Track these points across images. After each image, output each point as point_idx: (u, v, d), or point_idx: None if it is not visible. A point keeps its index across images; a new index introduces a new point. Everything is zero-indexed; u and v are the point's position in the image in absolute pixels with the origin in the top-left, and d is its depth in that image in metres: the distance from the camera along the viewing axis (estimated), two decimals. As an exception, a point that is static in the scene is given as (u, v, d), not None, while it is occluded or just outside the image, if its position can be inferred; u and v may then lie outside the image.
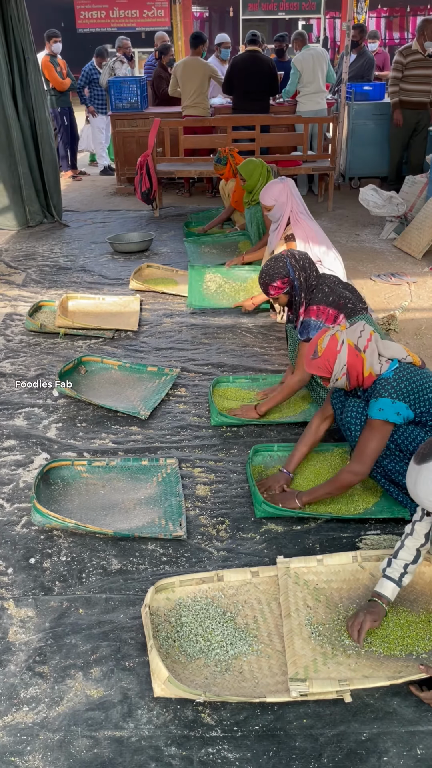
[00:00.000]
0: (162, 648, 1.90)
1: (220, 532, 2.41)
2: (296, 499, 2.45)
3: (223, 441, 2.96)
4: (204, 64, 7.46)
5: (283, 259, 2.92)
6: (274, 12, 19.48)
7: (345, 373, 2.29)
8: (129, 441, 2.96)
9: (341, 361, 2.28)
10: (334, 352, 2.29)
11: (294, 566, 2.10)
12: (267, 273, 2.92)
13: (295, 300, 2.92)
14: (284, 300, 2.97)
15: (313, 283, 2.92)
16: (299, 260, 2.93)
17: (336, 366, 2.29)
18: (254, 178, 4.82)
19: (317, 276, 2.96)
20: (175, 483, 2.65)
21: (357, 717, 1.72)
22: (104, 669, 1.87)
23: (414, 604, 2.02)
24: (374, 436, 2.25)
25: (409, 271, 5.11)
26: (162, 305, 4.51)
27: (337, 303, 2.87)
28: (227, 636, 1.94)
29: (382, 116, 7.58)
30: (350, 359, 2.27)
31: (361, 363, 2.27)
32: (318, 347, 2.32)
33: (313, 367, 2.35)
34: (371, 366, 2.27)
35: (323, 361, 2.30)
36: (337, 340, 2.29)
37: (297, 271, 2.89)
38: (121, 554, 2.30)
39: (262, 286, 2.96)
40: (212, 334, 4.05)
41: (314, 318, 2.87)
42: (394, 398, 2.20)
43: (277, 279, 2.89)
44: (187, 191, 7.92)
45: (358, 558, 2.14)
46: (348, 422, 2.37)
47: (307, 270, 2.93)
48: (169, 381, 3.42)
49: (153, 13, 18.48)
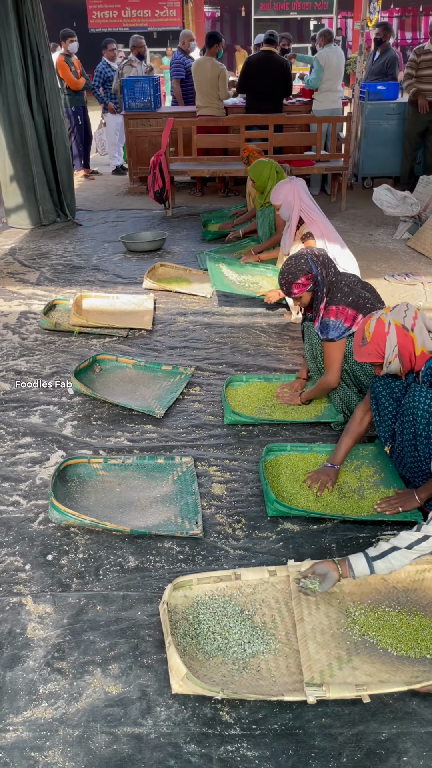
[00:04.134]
0: (180, 645, 1.90)
1: (236, 530, 2.41)
2: (416, 497, 2.38)
3: (238, 440, 2.96)
4: (215, 64, 7.45)
5: (304, 256, 2.91)
6: (286, 12, 19.50)
7: (397, 354, 2.25)
8: (144, 439, 2.96)
9: (391, 342, 2.24)
10: (383, 335, 2.25)
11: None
12: (289, 271, 2.90)
13: (317, 296, 2.90)
14: (307, 298, 2.95)
15: (332, 279, 2.90)
16: (319, 257, 2.91)
17: (387, 348, 2.25)
18: (263, 178, 4.82)
19: (336, 273, 2.95)
20: (190, 481, 2.65)
21: (376, 717, 1.72)
22: (122, 666, 1.87)
23: (427, 608, 2.01)
24: None
25: (423, 271, 5.09)
26: (176, 304, 4.52)
27: (356, 303, 2.86)
28: (245, 634, 1.94)
29: (396, 116, 7.57)
30: (400, 339, 2.24)
31: (411, 342, 2.24)
32: (365, 333, 2.28)
33: (364, 355, 2.30)
34: (423, 344, 2.24)
35: (373, 346, 2.27)
36: (384, 322, 2.26)
37: (319, 267, 2.87)
38: (137, 552, 2.30)
39: (285, 285, 2.93)
40: (226, 333, 4.05)
41: (333, 318, 2.86)
42: None
43: (301, 276, 2.87)
44: (200, 191, 7.93)
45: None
46: (414, 407, 2.27)
47: (327, 266, 2.91)
48: (184, 380, 3.43)
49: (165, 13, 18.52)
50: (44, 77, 6.31)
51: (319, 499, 2.52)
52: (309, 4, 18.94)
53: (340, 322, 2.85)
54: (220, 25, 22.87)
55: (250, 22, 19.91)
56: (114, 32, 15.93)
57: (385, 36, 8.19)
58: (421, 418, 2.27)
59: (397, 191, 5.82)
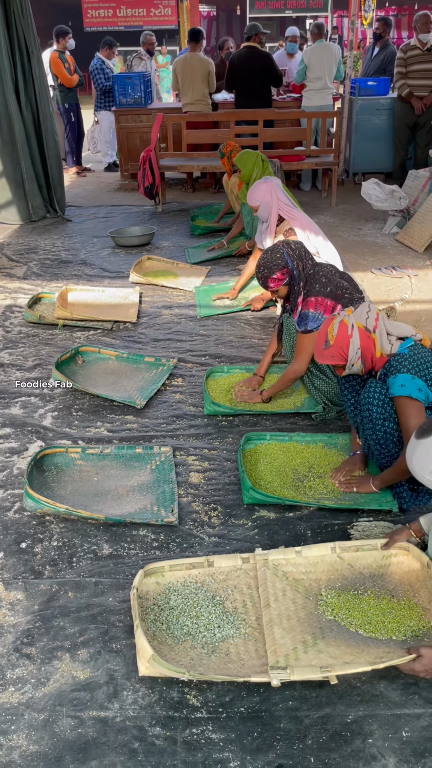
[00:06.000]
0: (149, 630, 1.89)
1: (212, 518, 2.40)
2: (371, 483, 2.43)
3: (218, 430, 2.95)
4: (203, 60, 7.46)
5: (279, 250, 2.91)
6: (281, 10, 19.45)
7: (360, 356, 2.26)
8: (124, 429, 2.96)
9: (354, 345, 2.25)
10: (346, 338, 2.26)
11: (272, 558, 2.07)
12: (265, 266, 2.91)
13: (293, 290, 2.91)
14: (284, 291, 2.96)
15: (310, 272, 2.91)
16: (295, 250, 2.92)
17: (350, 351, 2.26)
18: (248, 168, 4.80)
19: (314, 264, 2.95)
20: (168, 470, 2.65)
21: (343, 699, 1.71)
22: (91, 651, 1.86)
23: (394, 592, 2.01)
24: (410, 414, 2.18)
25: (410, 264, 5.09)
26: (161, 298, 4.51)
27: (334, 294, 2.86)
28: (215, 619, 1.94)
29: (387, 111, 7.57)
30: (363, 342, 2.25)
31: (373, 344, 2.25)
32: (328, 336, 2.29)
33: (327, 357, 2.31)
34: (382, 346, 2.25)
35: (336, 350, 2.28)
36: (347, 325, 2.27)
37: (295, 261, 2.88)
38: (112, 540, 2.30)
39: (261, 280, 2.94)
40: (211, 325, 4.04)
41: (312, 310, 2.85)
42: (413, 374, 2.18)
43: (276, 271, 2.87)
44: (191, 187, 7.92)
45: (336, 549, 2.10)
46: (368, 402, 2.29)
47: (304, 259, 2.92)
48: (166, 371, 3.42)
49: (160, 12, 18.48)
50: (33, 72, 6.30)
51: (297, 488, 2.51)
52: (304, 3, 18.87)
53: (319, 314, 2.84)
54: (216, 24, 22.85)
55: (245, 20, 19.90)
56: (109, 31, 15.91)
57: (385, 31, 8.16)
58: (376, 414, 2.29)
59: (385, 185, 5.81)
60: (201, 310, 4.24)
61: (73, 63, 8.62)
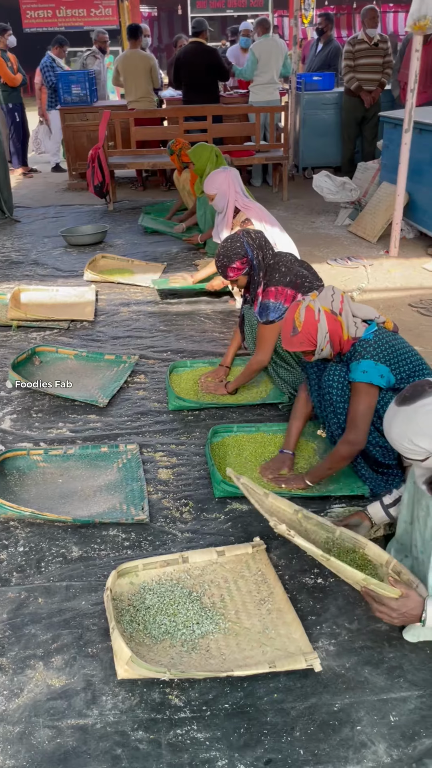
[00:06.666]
0: (126, 632, 1.83)
1: (183, 514, 2.35)
2: (304, 479, 2.39)
3: (185, 425, 2.89)
4: (144, 56, 7.38)
5: (240, 238, 2.87)
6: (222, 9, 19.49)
7: (328, 340, 2.23)
8: (87, 429, 2.87)
9: (323, 329, 2.22)
10: (314, 323, 2.22)
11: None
12: (224, 255, 2.86)
13: (253, 280, 2.87)
14: (243, 281, 2.92)
15: (270, 261, 2.88)
16: (255, 239, 2.88)
17: (319, 336, 2.23)
18: (202, 161, 4.77)
19: (273, 254, 2.92)
20: (136, 468, 2.58)
21: (328, 688, 1.68)
22: (66, 657, 1.79)
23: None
24: (362, 400, 2.19)
25: (364, 254, 5.13)
26: (118, 295, 4.42)
27: (294, 283, 2.84)
28: (193, 616, 1.88)
29: (333, 106, 7.63)
30: (330, 325, 2.22)
31: (340, 326, 2.22)
32: (295, 323, 2.25)
33: (295, 344, 2.27)
34: (348, 329, 2.23)
35: (305, 335, 2.24)
36: (313, 310, 2.23)
37: (255, 250, 2.84)
38: (81, 542, 2.21)
39: (220, 269, 2.90)
40: (171, 321, 3.98)
41: (273, 300, 2.82)
42: (376, 360, 2.16)
43: (236, 260, 2.83)
44: (141, 185, 7.83)
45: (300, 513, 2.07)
46: (329, 386, 2.28)
47: (264, 248, 2.88)
48: (128, 368, 3.35)
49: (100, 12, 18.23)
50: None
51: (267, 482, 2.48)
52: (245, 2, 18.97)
53: (280, 303, 2.82)
54: (158, 24, 22.72)
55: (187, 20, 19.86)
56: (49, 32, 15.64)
57: (327, 26, 8.22)
58: (336, 396, 2.28)
59: (336, 177, 5.85)
60: (157, 283, 4.24)
61: (16, 62, 8.42)
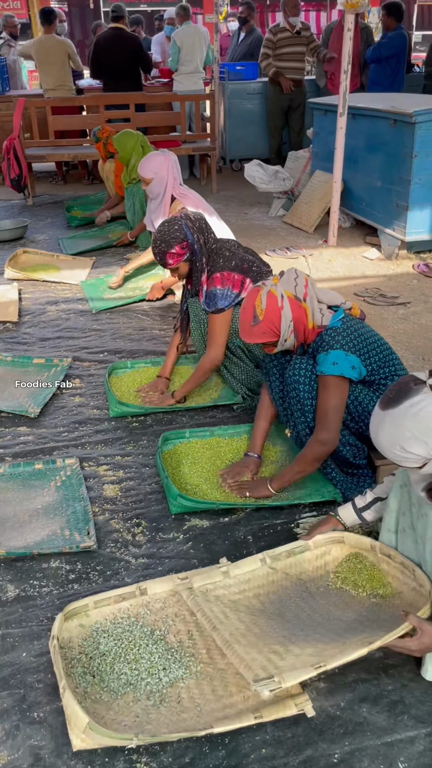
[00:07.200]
0: (79, 687, 1.52)
1: (136, 536, 2.05)
2: (268, 485, 2.13)
3: (129, 433, 2.60)
4: (62, 41, 6.97)
5: (178, 221, 2.60)
6: (135, 4, 19.13)
7: (292, 330, 1.99)
8: (17, 444, 2.52)
9: (286, 317, 1.97)
10: (277, 310, 1.97)
11: (198, 585, 1.75)
12: (162, 239, 2.58)
13: (195, 267, 2.61)
14: (185, 269, 2.65)
15: (212, 246, 2.62)
16: (195, 221, 2.62)
17: (282, 325, 1.98)
18: (127, 149, 4.45)
19: (215, 239, 2.67)
20: (77, 486, 2.26)
21: (324, 735, 1.44)
22: (6, 726, 1.47)
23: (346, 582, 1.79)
24: (332, 395, 1.96)
25: (303, 244, 4.96)
26: (44, 293, 4.05)
27: (241, 267, 2.59)
28: (159, 660, 1.60)
29: (258, 96, 7.46)
30: (294, 313, 1.98)
31: (305, 314, 1.99)
32: (256, 311, 1.99)
33: (256, 335, 2.01)
34: (313, 316, 2.00)
35: (267, 324, 1.98)
36: (275, 296, 1.98)
37: (195, 234, 2.58)
38: (17, 578, 1.89)
39: (158, 255, 2.61)
40: (105, 319, 3.66)
41: (220, 286, 2.57)
42: (346, 350, 1.94)
43: (175, 245, 2.56)
44: (62, 179, 7.40)
45: (266, 560, 1.82)
46: (295, 381, 2.04)
47: (205, 232, 2.62)
48: (60, 372, 3.01)
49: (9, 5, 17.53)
50: None
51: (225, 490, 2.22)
52: (158, -4, 18.70)
53: (228, 290, 2.56)
54: (69, 20, 22.01)
55: (99, 15, 19.33)
56: None
57: (249, 15, 8.04)
58: (304, 393, 2.05)
59: (268, 166, 5.66)
60: (94, 303, 3.83)
61: None
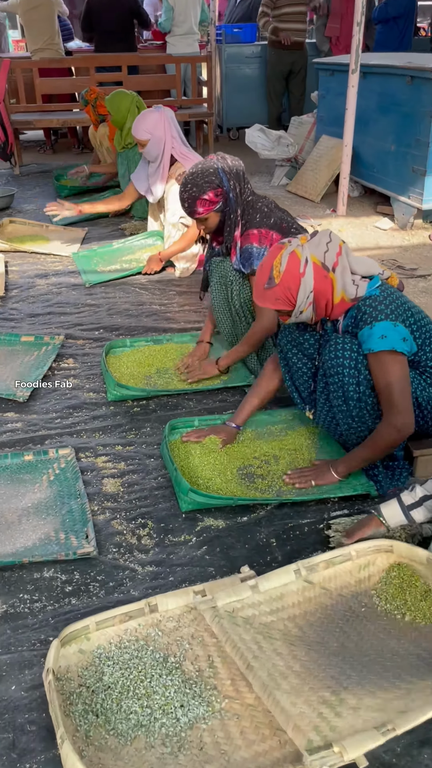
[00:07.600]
0: (80, 730, 1.26)
1: (142, 539, 1.78)
2: (332, 471, 1.88)
3: (130, 419, 2.31)
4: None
5: (214, 164, 2.24)
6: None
7: (311, 302, 1.70)
8: (4, 432, 2.24)
9: (306, 286, 1.69)
10: (297, 277, 1.69)
11: (222, 604, 1.47)
12: (194, 183, 2.22)
13: (229, 219, 2.27)
14: (214, 221, 2.30)
15: (249, 198, 2.29)
16: (232, 167, 2.26)
17: (300, 294, 1.70)
18: (121, 111, 4.10)
19: (252, 192, 2.33)
20: (73, 480, 1.99)
21: (380, 790, 1.19)
22: (-7, 783, 1.20)
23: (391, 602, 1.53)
24: (392, 370, 1.69)
25: (310, 213, 4.65)
26: (32, 265, 3.74)
27: (280, 226, 2.27)
28: (175, 695, 1.34)
29: (257, 60, 7.07)
30: (318, 283, 1.69)
31: (330, 286, 1.70)
32: (274, 272, 1.70)
33: (269, 299, 1.73)
34: (344, 289, 1.71)
35: (282, 290, 1.70)
36: (299, 259, 1.69)
37: (232, 181, 2.23)
38: (5, 592, 1.61)
39: (187, 201, 2.25)
40: (99, 293, 3.36)
41: (257, 244, 2.24)
42: (393, 320, 1.65)
43: (209, 190, 2.21)
44: (50, 147, 7.01)
45: (301, 572, 1.56)
46: (338, 364, 1.75)
47: (242, 181, 2.27)
48: (52, 351, 2.72)
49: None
50: None
51: (245, 482, 1.95)
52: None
53: (266, 248, 2.24)
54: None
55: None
56: None
57: None
58: (349, 377, 1.77)
59: (271, 131, 5.32)
60: (87, 276, 3.51)
61: None
